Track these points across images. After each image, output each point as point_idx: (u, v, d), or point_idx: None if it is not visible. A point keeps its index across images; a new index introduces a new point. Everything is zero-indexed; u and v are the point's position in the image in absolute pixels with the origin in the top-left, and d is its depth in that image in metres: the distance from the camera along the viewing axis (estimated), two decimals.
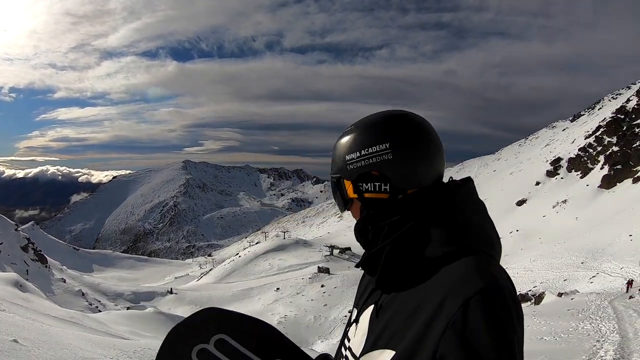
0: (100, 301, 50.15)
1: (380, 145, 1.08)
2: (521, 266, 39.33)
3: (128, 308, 39.05)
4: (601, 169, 74.66)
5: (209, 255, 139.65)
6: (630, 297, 19.21)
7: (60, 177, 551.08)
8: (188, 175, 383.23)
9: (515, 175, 79.34)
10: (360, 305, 1.17)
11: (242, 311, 1.11)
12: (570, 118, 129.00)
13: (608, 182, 68.85)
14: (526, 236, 52.51)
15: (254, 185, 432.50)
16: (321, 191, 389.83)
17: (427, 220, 1.02)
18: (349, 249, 74.29)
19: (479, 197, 1.11)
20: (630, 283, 24.21)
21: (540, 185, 75.91)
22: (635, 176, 63.64)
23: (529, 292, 29.49)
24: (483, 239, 1.03)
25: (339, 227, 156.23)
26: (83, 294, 49.64)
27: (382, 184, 1.08)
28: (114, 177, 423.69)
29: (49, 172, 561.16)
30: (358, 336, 1.11)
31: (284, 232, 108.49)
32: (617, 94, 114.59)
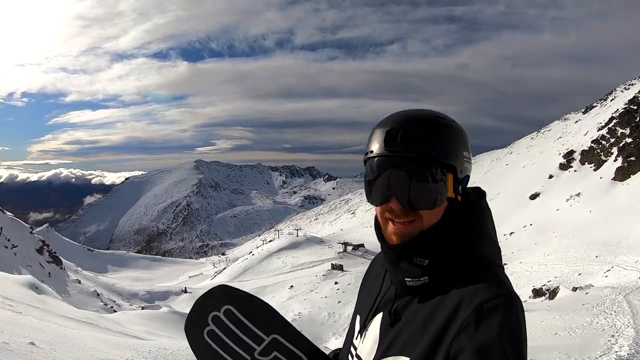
0: (115, 301, 50.64)
1: (471, 152, 1.08)
2: (535, 261, 39.04)
3: (143, 308, 39.37)
4: (615, 161, 73.76)
5: (223, 254, 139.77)
6: None
7: (73, 180, 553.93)
8: (200, 174, 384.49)
9: (528, 169, 78.80)
10: (368, 312, 1.16)
11: None
12: (583, 110, 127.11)
13: (622, 174, 68.01)
14: (540, 230, 52.13)
15: (266, 183, 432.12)
16: (333, 188, 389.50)
17: (462, 229, 1.04)
18: (362, 245, 74.12)
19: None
20: None
21: (553, 178, 75.27)
22: None
23: (543, 287, 29.26)
24: (497, 251, 1.05)
25: (352, 224, 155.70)
26: (98, 295, 50.08)
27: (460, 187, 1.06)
28: (127, 179, 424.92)
29: (62, 175, 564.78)
30: (368, 343, 1.10)
31: (297, 230, 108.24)
32: (629, 85, 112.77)
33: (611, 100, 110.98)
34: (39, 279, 28.01)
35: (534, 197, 63.75)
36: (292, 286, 53.85)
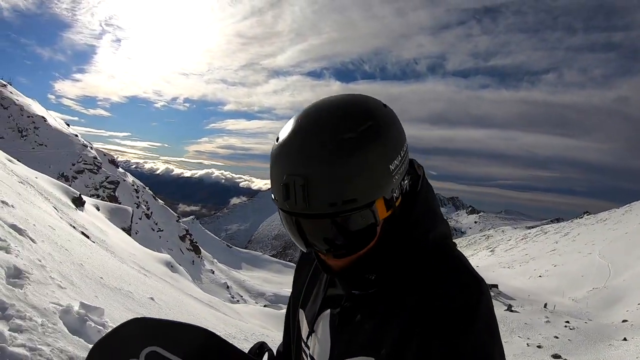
0: (242, 296, 53.68)
1: (405, 144, 0.88)
2: None
3: (265, 306, 40.87)
4: None
5: None
6: None
7: (223, 181, 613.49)
8: None
9: None
10: (315, 311, 1.02)
11: None
12: None
13: None
14: None
15: None
16: (475, 222, 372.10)
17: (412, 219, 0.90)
18: (495, 286, 69.02)
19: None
20: None
21: None
22: None
23: None
24: (446, 227, 0.96)
25: (489, 261, 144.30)
26: (228, 287, 53.55)
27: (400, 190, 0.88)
28: None
29: (213, 175, 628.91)
30: (319, 343, 0.99)
31: None
32: None
33: None
34: (177, 262, 31.00)
35: None
36: None
